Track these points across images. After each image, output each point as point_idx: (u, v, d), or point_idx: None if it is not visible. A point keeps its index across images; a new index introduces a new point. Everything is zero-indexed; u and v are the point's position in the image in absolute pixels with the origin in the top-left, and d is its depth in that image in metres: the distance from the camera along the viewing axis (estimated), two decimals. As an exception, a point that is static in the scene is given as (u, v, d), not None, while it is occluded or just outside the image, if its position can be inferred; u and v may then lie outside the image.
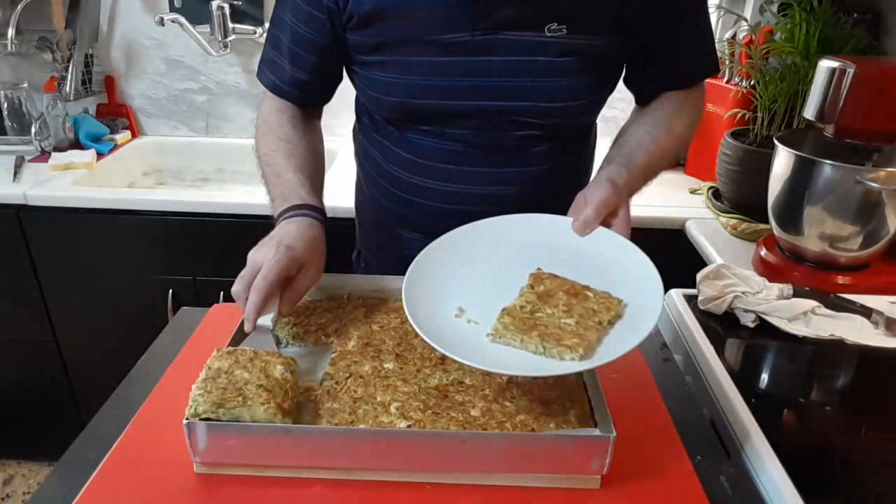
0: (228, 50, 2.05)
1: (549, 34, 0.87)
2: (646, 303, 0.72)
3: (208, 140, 2.21)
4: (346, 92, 1.04)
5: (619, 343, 0.69)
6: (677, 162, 2.01)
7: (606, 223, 0.83)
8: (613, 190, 0.83)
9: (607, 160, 0.93)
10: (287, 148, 0.98)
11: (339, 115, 1.22)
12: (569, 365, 0.67)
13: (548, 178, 1.01)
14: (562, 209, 1.08)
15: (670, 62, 0.97)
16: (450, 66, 0.90)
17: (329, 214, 1.65)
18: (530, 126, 0.95)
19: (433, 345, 0.68)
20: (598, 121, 1.10)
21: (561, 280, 0.79)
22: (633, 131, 0.97)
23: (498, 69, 0.89)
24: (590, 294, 0.76)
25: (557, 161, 1.01)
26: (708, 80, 0.99)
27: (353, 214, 1.23)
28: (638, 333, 0.68)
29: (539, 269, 0.81)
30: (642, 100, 1.03)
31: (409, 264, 0.81)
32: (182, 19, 1.96)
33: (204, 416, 0.64)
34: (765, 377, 0.94)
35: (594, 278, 0.78)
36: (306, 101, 1.04)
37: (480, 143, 0.96)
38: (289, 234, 0.83)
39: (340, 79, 1.04)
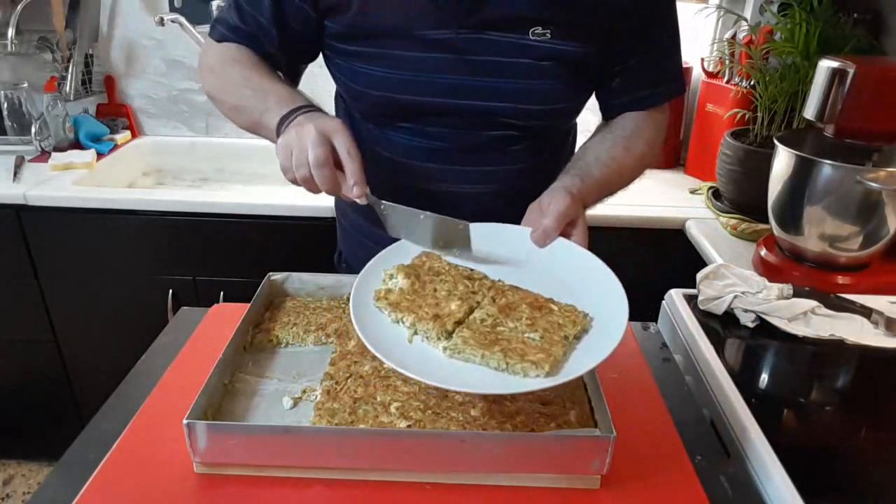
0: (228, 50, 2.05)
1: (532, 37, 0.88)
2: (611, 316, 0.70)
3: (208, 140, 2.21)
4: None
5: (585, 358, 0.66)
6: (679, 162, 2.02)
7: (565, 233, 0.82)
8: (572, 199, 0.82)
9: (564, 172, 0.93)
10: (267, 71, 0.95)
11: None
12: (532, 382, 0.63)
13: (526, 177, 1.01)
14: None
15: (638, 79, 0.97)
16: (434, 62, 0.90)
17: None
18: (509, 126, 0.96)
19: (387, 361, 0.64)
20: (597, 121, 1.10)
21: (524, 292, 0.76)
22: (593, 147, 0.97)
23: (481, 69, 0.90)
24: (554, 307, 0.73)
25: (535, 160, 1.01)
26: (708, 80, 0.99)
27: (334, 214, 1.23)
28: (604, 348, 0.65)
29: (500, 280, 0.78)
30: (607, 116, 1.03)
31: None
32: (182, 19, 1.96)
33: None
34: (765, 377, 0.94)
35: (556, 290, 0.75)
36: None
37: (459, 141, 0.96)
38: (312, 118, 0.82)
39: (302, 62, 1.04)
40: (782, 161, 1.22)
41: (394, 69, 0.91)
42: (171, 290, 1.77)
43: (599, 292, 0.74)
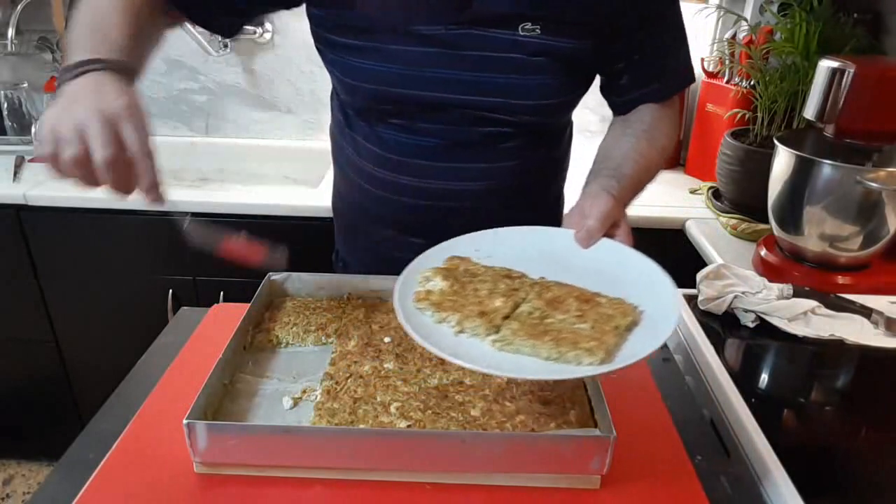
0: (228, 50, 2.05)
1: (522, 33, 0.88)
2: (662, 307, 0.69)
3: (208, 140, 2.21)
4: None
5: (638, 347, 0.64)
6: (679, 162, 2.02)
7: (609, 234, 0.80)
8: (614, 201, 0.81)
9: (594, 173, 0.91)
10: (146, 14, 0.82)
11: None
12: (587, 369, 0.62)
13: (518, 175, 1.01)
14: (533, 207, 1.08)
15: (645, 73, 0.96)
16: (424, 57, 0.90)
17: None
18: (501, 122, 0.95)
19: (439, 353, 0.63)
20: (597, 120, 1.10)
21: (570, 287, 0.74)
22: (617, 144, 0.95)
23: (471, 64, 0.90)
24: (602, 300, 0.71)
25: (528, 158, 1.01)
26: (708, 80, 0.99)
27: (331, 214, 1.22)
28: (657, 337, 0.64)
29: (542, 278, 0.77)
30: (618, 111, 1.02)
31: (386, 264, 0.79)
32: (182, 19, 1.96)
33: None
34: (765, 377, 0.94)
35: (602, 286, 0.74)
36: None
37: (451, 138, 0.96)
38: (99, 84, 0.69)
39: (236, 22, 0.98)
40: (782, 161, 1.22)
41: (386, 62, 0.91)
42: (171, 290, 1.77)
43: (648, 287, 0.72)
